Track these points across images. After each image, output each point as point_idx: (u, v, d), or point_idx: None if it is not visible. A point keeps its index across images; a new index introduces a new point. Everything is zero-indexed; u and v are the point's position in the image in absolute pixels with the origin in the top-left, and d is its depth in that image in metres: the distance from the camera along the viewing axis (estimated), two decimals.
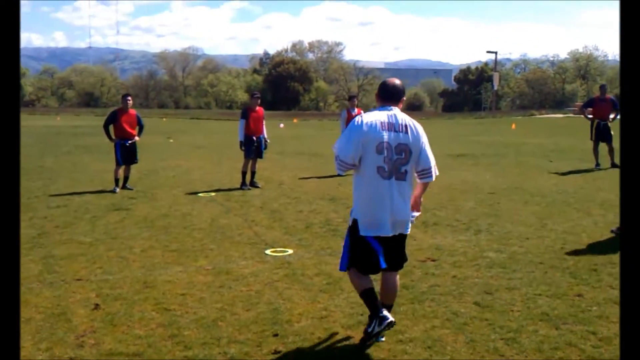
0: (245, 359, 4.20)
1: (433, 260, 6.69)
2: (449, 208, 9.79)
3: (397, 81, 4.66)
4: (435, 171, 4.67)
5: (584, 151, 17.78)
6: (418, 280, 5.96)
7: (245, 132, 11.94)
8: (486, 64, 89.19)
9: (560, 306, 5.19)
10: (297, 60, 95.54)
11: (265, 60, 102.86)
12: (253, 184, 12.17)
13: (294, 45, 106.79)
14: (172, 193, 11.45)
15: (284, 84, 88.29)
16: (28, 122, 44.17)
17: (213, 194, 11.42)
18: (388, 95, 4.56)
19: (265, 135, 12.35)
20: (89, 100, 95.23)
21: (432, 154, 4.61)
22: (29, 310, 5.16)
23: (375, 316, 4.31)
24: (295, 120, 51.19)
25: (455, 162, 16.98)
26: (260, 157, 12.30)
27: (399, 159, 4.37)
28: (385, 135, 4.33)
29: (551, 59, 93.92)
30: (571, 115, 48.02)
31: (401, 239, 4.56)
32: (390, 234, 4.40)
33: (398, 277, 4.71)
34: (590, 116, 15.26)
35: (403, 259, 4.67)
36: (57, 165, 16.21)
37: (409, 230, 4.59)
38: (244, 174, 12.12)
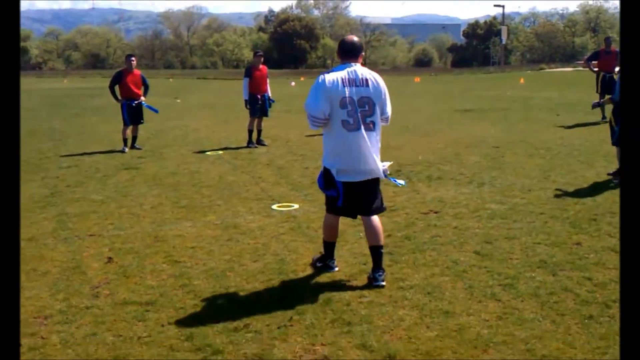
0: (252, 306, 4.39)
1: (435, 212, 6.84)
2: (454, 162, 9.90)
3: (355, 38, 4.94)
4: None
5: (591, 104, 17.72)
6: (420, 231, 6.12)
7: (249, 90, 12.02)
8: (494, 17, 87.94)
9: (559, 254, 5.34)
10: (302, 17, 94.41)
11: (270, 17, 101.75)
12: (260, 142, 12.30)
13: (299, 2, 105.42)
14: (180, 152, 11.61)
15: (289, 42, 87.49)
16: (35, 85, 44.29)
17: (221, 152, 11.57)
18: (347, 52, 4.80)
19: (270, 94, 12.42)
20: (95, 62, 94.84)
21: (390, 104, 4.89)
22: (45, 264, 5.37)
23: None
24: (302, 79, 50.88)
25: (462, 116, 17.02)
26: (266, 115, 12.40)
27: (363, 111, 4.64)
28: (347, 90, 4.59)
29: (561, 11, 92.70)
30: (580, 68, 47.56)
31: (372, 184, 4.83)
32: (358, 180, 4.71)
33: (377, 220, 4.89)
34: (596, 69, 15.19)
35: (375, 203, 4.89)
36: (66, 127, 16.38)
37: (381, 176, 4.84)
38: (250, 132, 12.24)
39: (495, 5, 60.28)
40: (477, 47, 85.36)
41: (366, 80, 4.68)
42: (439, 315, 4.16)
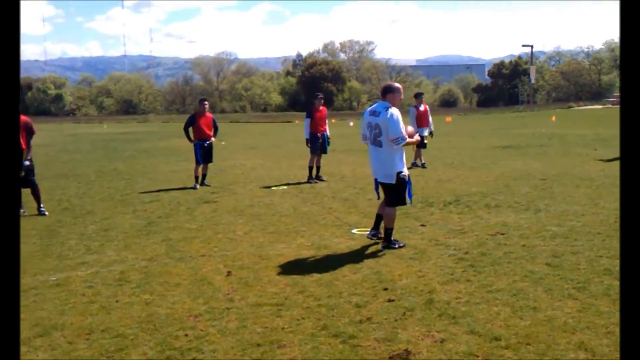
0: (366, 306, 5.22)
1: (502, 234, 7.64)
2: (506, 193, 10.69)
3: (386, 83, 7.43)
4: (399, 141, 6.90)
5: None
6: (493, 249, 6.93)
7: (310, 129, 13.01)
8: (520, 57, 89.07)
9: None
10: (329, 60, 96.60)
11: (298, 62, 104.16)
12: (319, 178, 13.23)
13: (325, 46, 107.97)
14: (248, 188, 12.58)
15: (317, 85, 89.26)
16: (77, 130, 46.19)
17: (285, 187, 12.52)
18: (381, 93, 7.29)
19: (328, 133, 13.41)
20: (128, 108, 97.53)
21: (398, 131, 6.85)
22: (174, 278, 6.27)
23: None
24: (333, 120, 52.19)
25: (502, 153, 17.83)
26: (325, 152, 13.37)
27: (375, 132, 7.03)
28: (369, 118, 7.13)
29: (586, 50, 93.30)
30: (610, 106, 48.11)
31: (385, 186, 7.15)
32: (375, 178, 7.33)
33: (390, 209, 7.20)
34: None
35: (388, 200, 7.17)
36: (128, 168, 17.48)
37: (391, 181, 7.03)
38: (310, 168, 13.19)
39: (523, 45, 61.32)
40: (503, 87, 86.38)
41: (378, 112, 6.98)
42: (528, 310, 4.96)
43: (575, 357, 4.09)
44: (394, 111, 6.92)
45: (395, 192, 7.09)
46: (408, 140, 7.01)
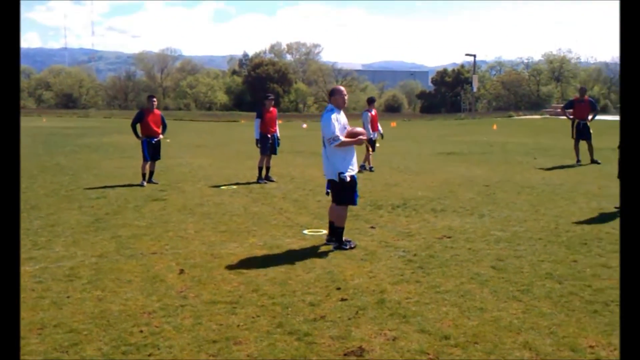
0: (320, 304, 5.33)
1: (448, 238, 7.88)
2: (451, 198, 11.00)
3: (332, 87, 7.84)
4: (332, 141, 7.18)
5: (564, 149, 19.22)
6: (440, 252, 7.14)
7: (260, 130, 13.05)
8: (462, 66, 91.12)
9: (560, 268, 6.40)
10: (275, 61, 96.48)
11: (244, 61, 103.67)
12: (268, 178, 13.27)
13: (272, 47, 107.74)
14: (197, 186, 12.52)
15: (263, 86, 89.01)
16: None
17: (234, 187, 12.52)
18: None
19: (278, 134, 13.48)
20: (68, 102, 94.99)
21: (329, 131, 7.16)
22: (125, 275, 6.24)
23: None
24: (280, 121, 52.20)
25: (447, 159, 18.27)
26: (275, 153, 13.43)
27: (322, 133, 7.36)
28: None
29: (526, 61, 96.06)
30: (548, 116, 49.77)
31: (331, 184, 7.40)
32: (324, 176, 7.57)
33: (335, 206, 7.47)
34: (571, 116, 16.62)
35: (334, 198, 7.48)
36: (71, 163, 17.11)
37: (334, 179, 7.30)
38: (260, 169, 13.23)
39: (466, 54, 62.70)
40: (446, 94, 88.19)
41: (322, 114, 7.39)
42: (475, 311, 5.16)
43: (521, 356, 4.30)
44: (331, 113, 7.25)
45: (340, 191, 7.37)
46: (344, 140, 7.17)
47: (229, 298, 5.50)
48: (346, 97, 7.47)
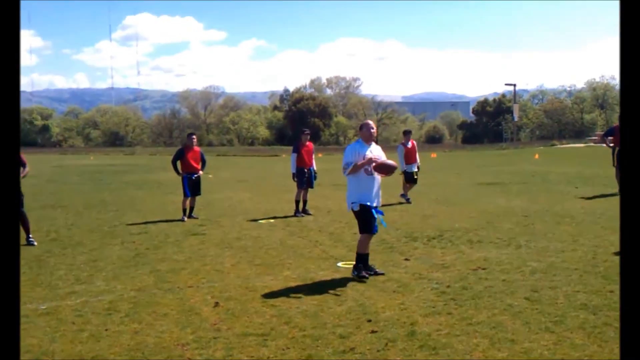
0: (350, 337, 5.38)
1: (483, 269, 7.84)
2: (489, 229, 10.93)
3: (362, 122, 8.03)
4: (344, 170, 7.62)
5: (607, 177, 18.87)
6: (474, 283, 7.12)
7: (297, 164, 13.25)
8: (504, 95, 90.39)
9: (596, 299, 6.32)
10: (316, 96, 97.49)
11: (285, 96, 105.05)
12: (305, 212, 13.42)
13: (312, 82, 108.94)
14: (236, 220, 12.73)
15: (304, 120, 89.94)
16: (64, 161, 46.10)
17: (272, 220, 12.69)
18: None
19: (315, 168, 13.66)
20: (114, 140, 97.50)
21: (343, 161, 7.60)
22: (162, 308, 6.40)
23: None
24: (320, 155, 52.65)
25: (486, 189, 18.15)
26: (311, 187, 13.60)
27: None
28: None
29: (568, 89, 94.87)
30: (592, 144, 48.94)
31: (354, 212, 7.74)
32: None
33: (360, 236, 7.84)
34: (612, 144, 16.36)
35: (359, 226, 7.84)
36: (116, 199, 17.58)
37: (349, 210, 7.79)
38: (297, 202, 13.39)
39: (506, 84, 62.43)
40: (487, 124, 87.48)
41: None
42: (506, 342, 5.14)
43: None
44: (353, 144, 7.75)
45: (359, 220, 7.72)
46: (352, 166, 7.52)
47: (260, 330, 5.60)
48: (373, 131, 7.75)
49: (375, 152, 7.66)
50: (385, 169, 7.63)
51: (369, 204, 7.57)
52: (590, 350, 4.88)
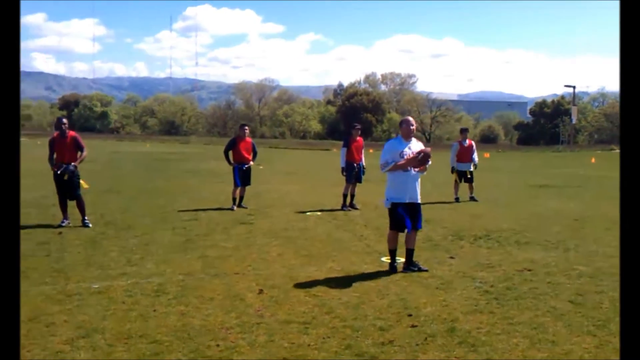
0: (390, 329, 5.45)
1: (529, 270, 7.78)
2: (537, 231, 10.80)
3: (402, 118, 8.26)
4: (382, 168, 7.83)
5: None
6: (518, 284, 7.08)
7: (346, 158, 13.34)
8: (563, 97, 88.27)
9: None
10: (370, 91, 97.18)
11: (339, 91, 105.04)
12: (352, 206, 13.50)
13: (366, 77, 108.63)
14: (283, 212, 12.92)
15: (357, 115, 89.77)
16: (121, 147, 47.38)
17: (319, 213, 12.82)
18: None
19: (364, 163, 13.72)
20: (170, 128, 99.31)
21: (380, 159, 7.79)
22: (208, 292, 6.59)
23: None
24: (370, 151, 52.54)
25: (539, 191, 17.88)
26: (360, 181, 13.67)
27: None
28: None
29: None
30: None
31: None
32: None
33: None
34: None
35: None
36: (170, 187, 18.02)
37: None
38: (344, 196, 13.49)
39: (565, 86, 60.97)
40: (545, 126, 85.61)
41: None
42: (546, 344, 5.12)
43: None
44: (391, 141, 7.99)
45: (389, 216, 7.93)
46: (391, 166, 7.65)
47: (302, 318, 5.72)
48: (412, 127, 7.83)
49: (414, 148, 7.72)
50: (421, 163, 7.65)
51: (400, 201, 7.70)
52: None
